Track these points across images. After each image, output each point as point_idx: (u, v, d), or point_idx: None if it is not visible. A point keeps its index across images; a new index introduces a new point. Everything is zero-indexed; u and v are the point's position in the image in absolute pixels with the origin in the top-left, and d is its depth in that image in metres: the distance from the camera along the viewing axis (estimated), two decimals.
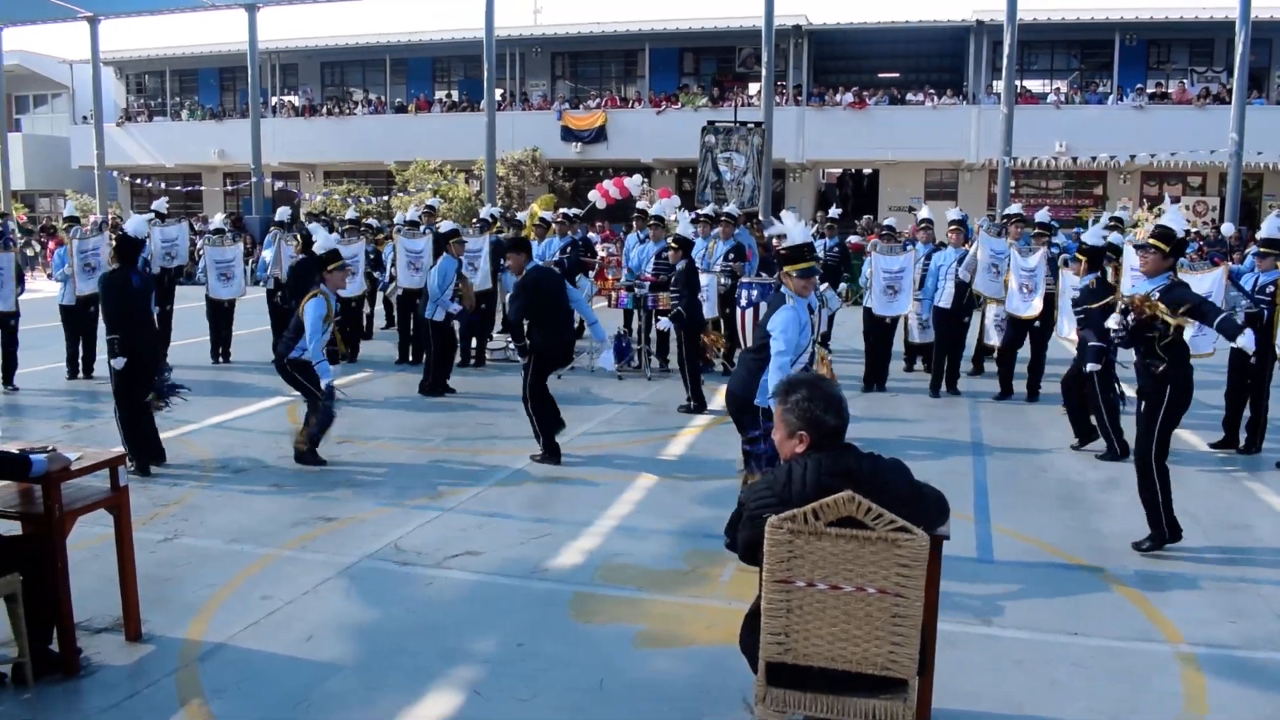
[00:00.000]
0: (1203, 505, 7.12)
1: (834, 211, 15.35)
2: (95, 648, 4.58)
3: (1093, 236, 9.03)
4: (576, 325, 10.31)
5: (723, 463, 8.16)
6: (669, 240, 10.95)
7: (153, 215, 12.50)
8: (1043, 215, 11.47)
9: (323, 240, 8.56)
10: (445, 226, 11.72)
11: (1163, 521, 6.05)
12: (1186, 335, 8.69)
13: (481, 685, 4.34)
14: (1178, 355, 5.98)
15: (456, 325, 11.66)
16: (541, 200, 23.70)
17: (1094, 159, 27.28)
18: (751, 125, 20.66)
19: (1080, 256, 8.76)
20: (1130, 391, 7.20)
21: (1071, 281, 9.79)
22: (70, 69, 36.57)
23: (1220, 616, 5.13)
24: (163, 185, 33.83)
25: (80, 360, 11.79)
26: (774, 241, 11.27)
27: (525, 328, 8.21)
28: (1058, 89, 30.19)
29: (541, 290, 8.13)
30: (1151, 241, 6.18)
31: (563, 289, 8.29)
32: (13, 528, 4.43)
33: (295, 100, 36.22)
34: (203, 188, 35.78)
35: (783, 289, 6.04)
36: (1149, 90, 28.34)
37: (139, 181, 36.35)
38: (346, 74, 36.93)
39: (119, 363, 7.57)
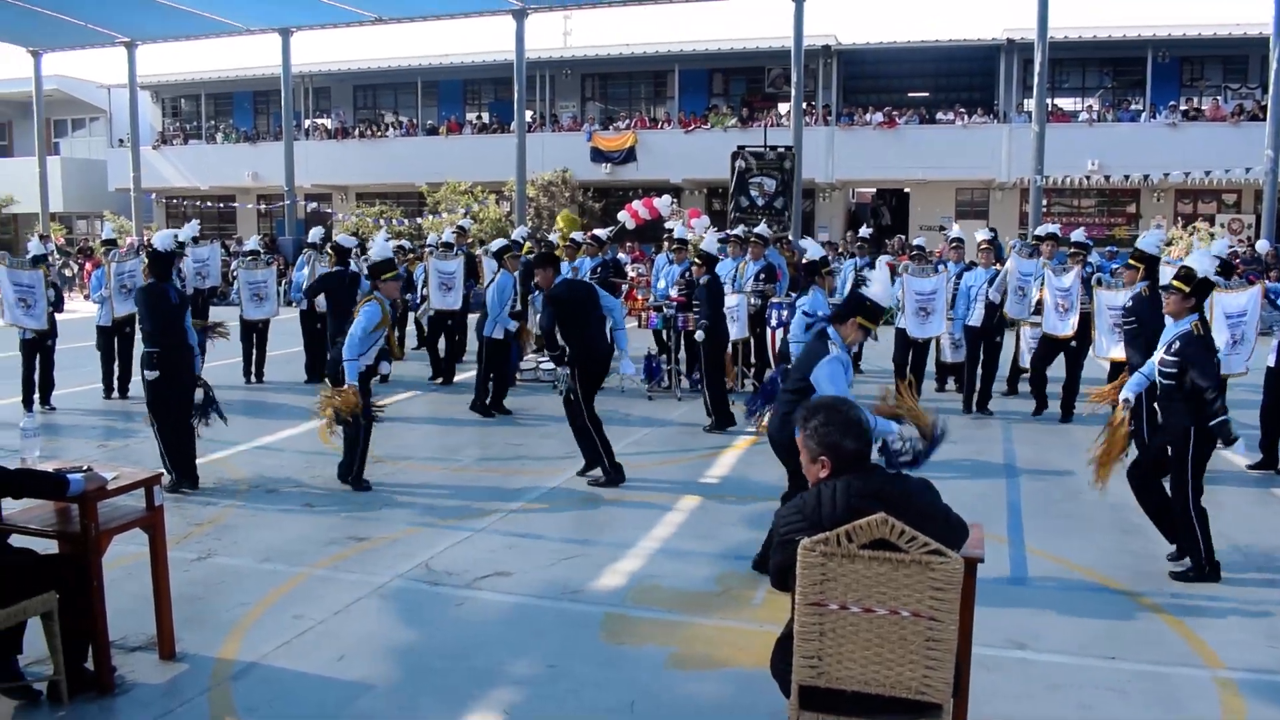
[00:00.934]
0: (1241, 528, 7.02)
1: (864, 231, 15.30)
2: (129, 666, 4.62)
3: (1149, 243, 8.56)
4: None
5: (753, 484, 8.14)
6: (692, 257, 11.00)
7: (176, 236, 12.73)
8: (1078, 235, 11.40)
9: (378, 249, 8.62)
10: (498, 244, 11.74)
11: (1201, 558, 5.93)
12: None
13: (512, 707, 4.34)
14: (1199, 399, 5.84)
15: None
16: (563, 216, 23.79)
17: (1127, 177, 27.03)
18: (782, 150, 20.70)
19: (1134, 263, 8.45)
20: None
21: (1107, 300, 9.72)
22: (108, 93, 37.11)
23: (1260, 640, 5.05)
24: (197, 204, 34.29)
25: (116, 380, 11.94)
26: (800, 259, 11.26)
27: (559, 338, 8.13)
28: (1090, 107, 30.00)
29: (571, 300, 8.08)
30: (1174, 283, 6.03)
31: (594, 298, 8.20)
32: (49, 546, 4.48)
33: (328, 123, 36.59)
34: (236, 208, 36.15)
35: (828, 330, 5.76)
36: (1182, 107, 28.10)
37: (174, 203, 36.79)
38: (378, 96, 37.29)
39: (151, 374, 7.62)
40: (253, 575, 5.93)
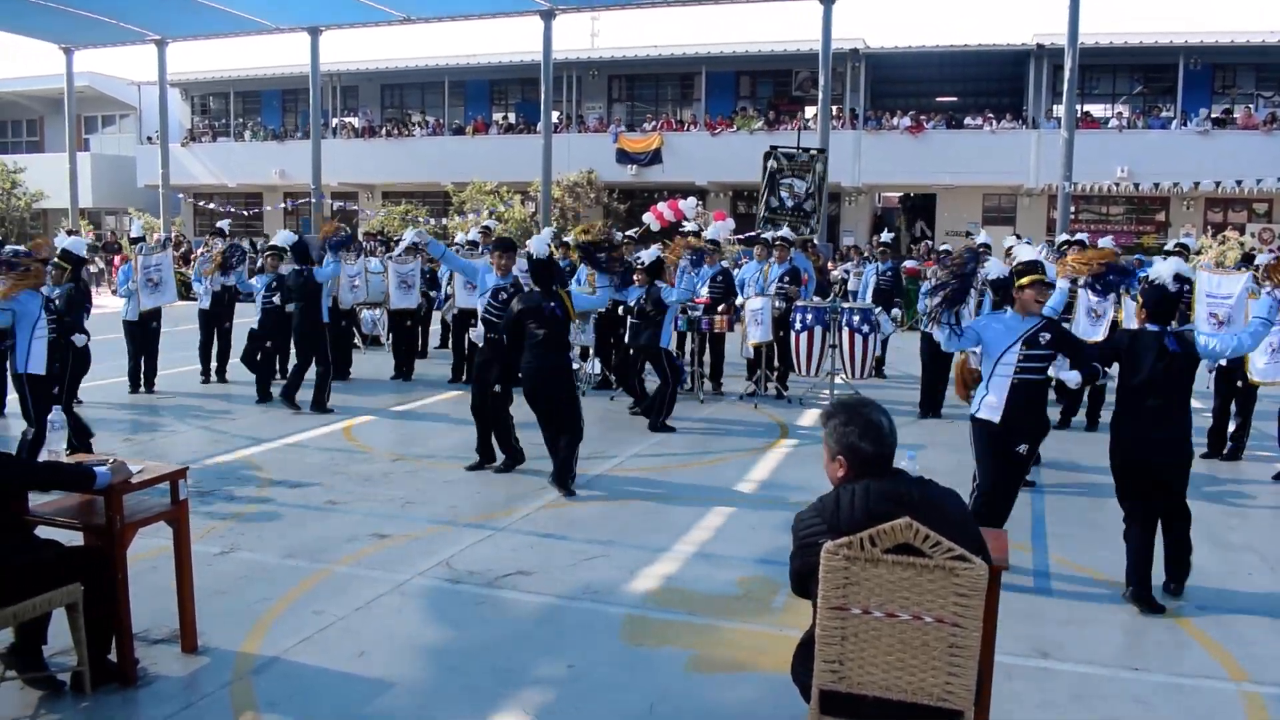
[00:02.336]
0: (1268, 539, 6.94)
1: (886, 236, 15.23)
2: (152, 658, 4.65)
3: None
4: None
5: (776, 486, 8.11)
6: (725, 259, 11.05)
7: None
8: (1106, 242, 11.31)
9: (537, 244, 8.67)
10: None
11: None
12: (1259, 363, 8.45)
13: (532, 706, 4.34)
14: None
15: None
16: (579, 229, 23.80)
17: (1156, 185, 26.85)
18: (815, 152, 20.65)
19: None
20: None
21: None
22: (138, 90, 37.44)
23: None
24: (226, 206, 34.52)
25: (142, 375, 12.04)
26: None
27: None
28: (1119, 113, 29.79)
29: (524, 311, 7.86)
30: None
31: (540, 315, 7.80)
32: (74, 538, 4.51)
33: (355, 122, 36.80)
34: (263, 208, 36.39)
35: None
36: (1213, 115, 27.84)
37: (202, 202, 37.06)
38: (406, 96, 37.47)
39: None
40: (275, 570, 5.96)
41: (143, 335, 12.02)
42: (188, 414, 10.88)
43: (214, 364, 12.93)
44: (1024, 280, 5.96)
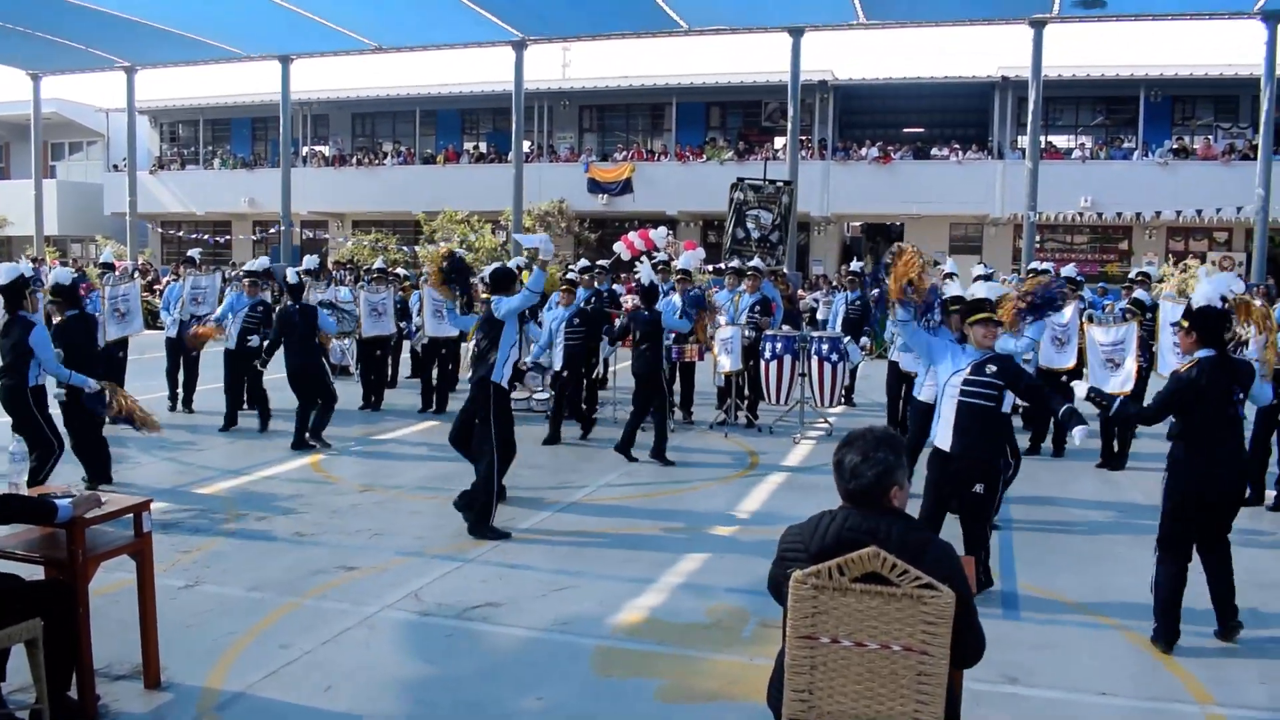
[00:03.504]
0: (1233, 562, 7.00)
1: (855, 265, 15.36)
2: (114, 695, 4.57)
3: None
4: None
5: (745, 514, 8.12)
6: (697, 286, 11.10)
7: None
8: (1069, 270, 11.46)
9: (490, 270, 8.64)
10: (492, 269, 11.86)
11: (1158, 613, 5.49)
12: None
13: None
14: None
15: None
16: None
17: (1119, 214, 27.23)
18: (781, 184, 20.81)
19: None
20: None
21: (1098, 336, 9.78)
22: (106, 117, 37.22)
23: (1251, 678, 5.03)
24: (194, 234, 34.31)
25: None
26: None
27: None
28: (1082, 144, 30.25)
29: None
30: (1181, 322, 5.72)
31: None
32: (35, 572, 4.44)
33: (326, 150, 36.74)
34: (232, 236, 36.19)
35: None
36: (1174, 146, 28.33)
37: (170, 230, 36.81)
38: (377, 125, 37.46)
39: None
40: (241, 604, 5.89)
41: (109, 365, 11.88)
42: (153, 444, 10.74)
43: (180, 393, 12.81)
44: (973, 319, 6.06)
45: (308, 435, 10.58)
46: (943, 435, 6.05)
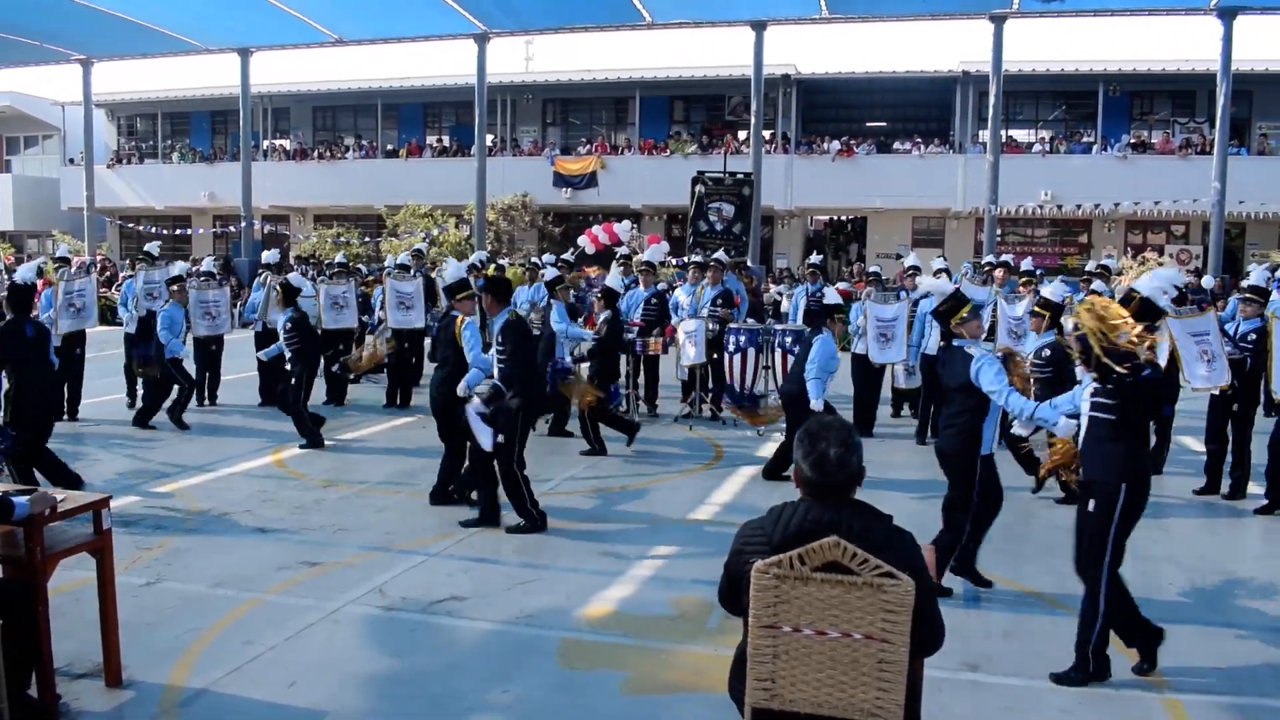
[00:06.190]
0: (1188, 551, 7.13)
1: (815, 258, 15.44)
2: (75, 693, 4.53)
3: (1054, 293, 8.70)
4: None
5: (710, 506, 8.16)
6: (661, 280, 11.10)
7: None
8: (1027, 264, 11.59)
9: (452, 271, 8.58)
10: (552, 274, 11.97)
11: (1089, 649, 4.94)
12: (1200, 372, 8.51)
13: None
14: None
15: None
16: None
17: (1079, 207, 27.52)
18: (741, 176, 20.87)
19: (1040, 311, 8.50)
20: None
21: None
22: (62, 111, 36.62)
23: (1206, 662, 5.13)
24: (153, 229, 33.88)
25: (65, 402, 11.72)
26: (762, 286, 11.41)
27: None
28: (1043, 139, 30.54)
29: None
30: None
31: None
32: None
33: (286, 144, 36.38)
34: (192, 230, 35.78)
35: (955, 343, 6.20)
36: (1132, 140, 28.69)
37: (129, 225, 36.35)
38: (338, 118, 37.13)
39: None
40: (203, 601, 5.85)
41: (66, 362, 11.71)
42: (111, 442, 10.64)
43: (139, 389, 12.64)
44: (962, 316, 6.15)
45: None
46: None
